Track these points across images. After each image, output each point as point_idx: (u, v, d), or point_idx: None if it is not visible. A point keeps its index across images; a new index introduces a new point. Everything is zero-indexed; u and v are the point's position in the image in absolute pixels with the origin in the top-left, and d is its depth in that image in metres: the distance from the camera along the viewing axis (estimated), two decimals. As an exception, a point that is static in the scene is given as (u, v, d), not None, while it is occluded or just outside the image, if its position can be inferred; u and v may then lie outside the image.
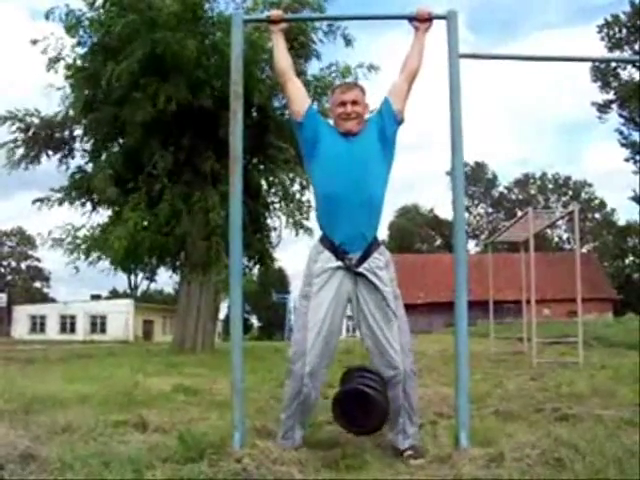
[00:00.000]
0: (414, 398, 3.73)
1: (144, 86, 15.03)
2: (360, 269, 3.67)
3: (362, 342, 3.79)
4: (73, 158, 18.12)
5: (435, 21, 3.92)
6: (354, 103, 3.80)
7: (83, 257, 16.56)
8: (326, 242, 3.76)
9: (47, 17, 15.81)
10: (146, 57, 14.70)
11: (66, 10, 15.71)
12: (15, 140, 17.57)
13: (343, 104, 3.80)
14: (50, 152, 17.97)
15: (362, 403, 3.54)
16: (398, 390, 3.65)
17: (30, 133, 17.57)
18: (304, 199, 18.61)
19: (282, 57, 3.93)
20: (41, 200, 17.54)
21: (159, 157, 16.10)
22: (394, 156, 3.90)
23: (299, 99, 3.91)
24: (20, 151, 17.61)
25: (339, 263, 3.69)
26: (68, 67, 16.49)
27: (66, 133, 18.03)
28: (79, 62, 16.48)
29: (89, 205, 17.88)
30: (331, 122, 3.97)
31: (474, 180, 75.84)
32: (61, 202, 17.49)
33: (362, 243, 3.70)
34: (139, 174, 16.40)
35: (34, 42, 16.34)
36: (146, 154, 16.20)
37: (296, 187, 18.67)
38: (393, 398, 3.64)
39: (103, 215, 17.99)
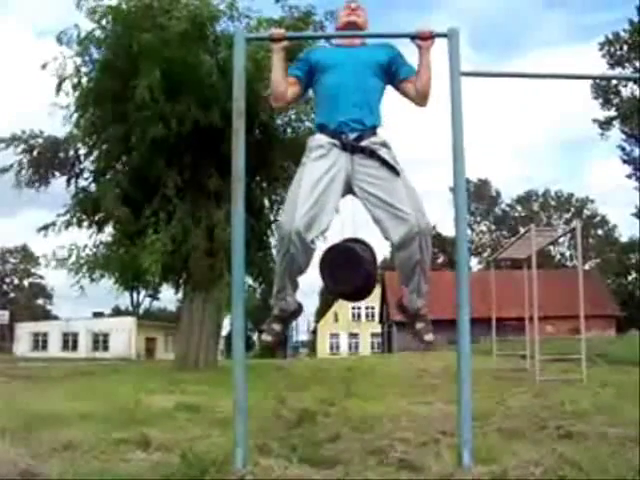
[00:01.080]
0: (429, 256, 3.74)
1: (156, 104, 15.11)
2: (356, 144, 3.76)
3: (371, 216, 3.73)
4: (78, 178, 18.15)
5: (437, 39, 3.94)
6: (358, 8, 4.10)
7: (87, 276, 16.59)
8: (323, 128, 3.88)
9: (60, 41, 15.90)
10: (158, 75, 14.82)
11: (76, 31, 15.81)
12: (20, 162, 17.64)
13: (349, 7, 4.09)
14: (56, 173, 18.00)
15: (348, 260, 3.58)
16: (414, 246, 3.60)
17: (35, 154, 17.62)
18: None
19: (279, 81, 4.00)
20: (46, 227, 17.56)
21: (168, 176, 16.17)
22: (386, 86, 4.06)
23: (296, 91, 4.10)
24: (26, 173, 17.67)
25: (336, 141, 3.77)
26: (74, 87, 16.56)
27: (71, 153, 18.07)
28: (84, 81, 16.55)
29: (94, 226, 17.93)
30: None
31: (477, 197, 75.90)
32: (67, 226, 17.53)
33: (359, 127, 3.81)
34: (147, 193, 16.44)
35: (44, 66, 16.40)
36: (154, 173, 16.25)
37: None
38: (409, 255, 3.64)
39: (106, 233, 18.04)
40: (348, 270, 3.59)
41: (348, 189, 3.79)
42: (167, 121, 15.13)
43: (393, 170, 3.70)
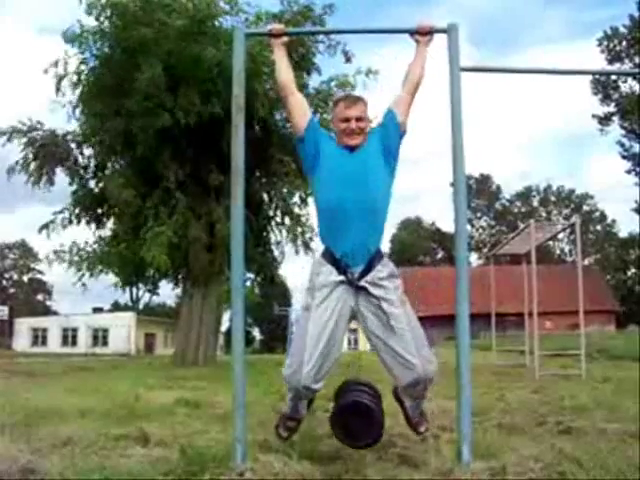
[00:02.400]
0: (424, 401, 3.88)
1: (159, 96, 15.12)
2: (362, 282, 3.62)
3: (377, 354, 3.69)
4: (79, 173, 18.14)
5: (436, 35, 3.93)
6: (358, 120, 3.74)
7: (88, 272, 16.61)
8: (328, 255, 3.72)
9: (65, 37, 15.89)
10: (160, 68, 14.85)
11: (79, 26, 15.81)
12: (26, 158, 17.65)
13: (347, 120, 3.73)
14: (58, 168, 18.00)
15: (359, 416, 3.54)
16: (419, 387, 3.67)
17: (37, 147, 17.62)
18: (303, 212, 18.69)
19: (284, 71, 3.92)
20: (47, 226, 17.56)
21: (170, 169, 16.17)
22: (397, 168, 3.87)
23: (300, 113, 3.88)
24: (34, 171, 17.69)
25: (341, 277, 3.64)
26: (75, 84, 16.56)
27: (72, 146, 18.08)
28: (83, 77, 16.54)
29: (93, 223, 17.96)
30: (332, 134, 3.96)
31: (478, 193, 75.91)
32: (68, 222, 17.55)
33: (364, 256, 3.66)
34: (149, 185, 16.45)
35: (45, 71, 16.44)
36: (156, 166, 16.25)
37: (296, 200, 18.75)
38: (413, 392, 3.71)
39: (106, 229, 18.08)
40: (361, 427, 3.58)
41: (353, 317, 3.73)
42: (170, 113, 15.16)
43: (397, 311, 3.63)
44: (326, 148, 3.81)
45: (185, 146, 16.60)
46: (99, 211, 18.02)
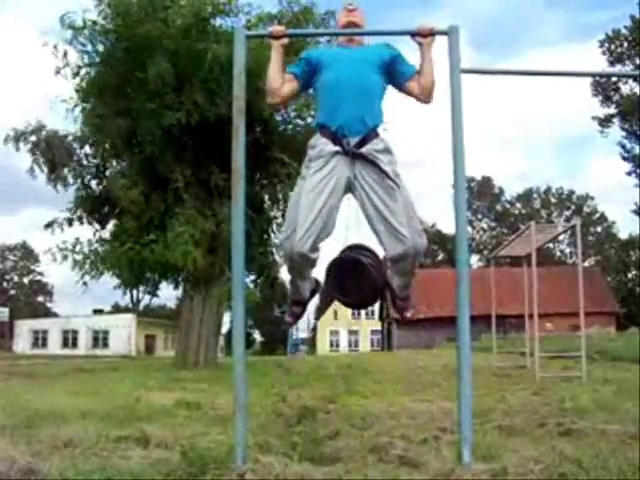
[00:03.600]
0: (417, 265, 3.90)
1: (166, 96, 15.16)
2: (358, 151, 3.70)
3: (370, 225, 3.74)
4: (83, 174, 18.16)
5: (437, 37, 3.93)
6: (356, 10, 4.05)
7: (90, 272, 16.59)
8: (324, 129, 3.81)
9: (65, 24, 15.89)
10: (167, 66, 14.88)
11: (81, 20, 15.80)
12: (37, 161, 17.73)
13: (348, 9, 4.04)
14: (64, 168, 18.04)
15: (356, 273, 3.58)
16: (407, 262, 3.72)
17: (43, 148, 17.67)
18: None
19: (276, 77, 3.98)
20: (51, 224, 17.59)
21: (179, 170, 16.19)
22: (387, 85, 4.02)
23: (292, 88, 4.06)
24: (46, 173, 17.79)
25: (337, 148, 3.72)
26: (79, 85, 16.60)
27: (75, 147, 18.10)
28: (83, 72, 16.56)
29: (95, 224, 17.97)
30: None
31: (480, 195, 75.94)
32: (70, 222, 17.59)
33: (360, 128, 3.75)
34: (154, 185, 16.44)
35: (57, 72, 16.44)
36: (163, 166, 16.26)
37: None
38: (401, 267, 3.75)
39: (108, 230, 18.07)
40: (355, 282, 3.61)
41: (348, 190, 3.79)
42: (176, 112, 15.19)
43: (393, 182, 3.69)
44: (325, 55, 4.05)
45: (190, 146, 16.60)
46: (103, 211, 18.03)
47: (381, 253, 3.87)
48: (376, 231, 3.70)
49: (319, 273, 3.96)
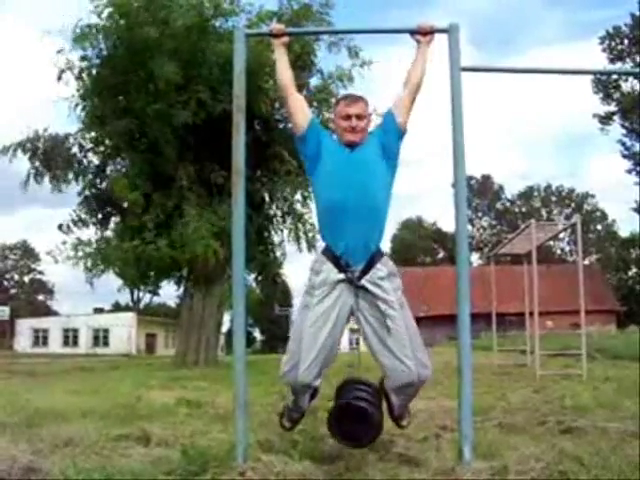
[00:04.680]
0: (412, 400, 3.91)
1: (171, 96, 15.19)
2: (361, 281, 3.62)
3: (371, 351, 3.69)
4: (83, 174, 18.17)
5: (437, 35, 3.92)
6: (359, 117, 3.77)
7: (95, 270, 16.63)
8: (328, 253, 3.71)
9: (77, 42, 15.92)
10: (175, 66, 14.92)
11: (84, 24, 15.82)
12: (37, 169, 17.77)
13: (348, 117, 3.77)
14: (65, 171, 18.06)
15: (356, 417, 3.54)
16: (410, 390, 3.70)
17: (41, 155, 17.71)
18: (305, 211, 18.66)
19: (284, 72, 3.93)
20: (60, 226, 17.68)
21: (183, 168, 16.21)
22: (397, 168, 3.88)
23: (301, 113, 3.89)
24: (46, 178, 17.86)
25: (341, 276, 3.63)
26: (78, 84, 16.61)
27: (75, 149, 18.12)
28: (86, 76, 16.57)
29: (98, 224, 18.03)
30: (333, 134, 3.98)
31: (480, 193, 75.92)
32: (75, 223, 17.65)
33: (365, 254, 3.65)
34: (156, 184, 16.46)
35: (59, 77, 16.48)
36: (167, 165, 16.27)
37: (297, 197, 18.75)
38: (403, 393, 3.71)
39: (110, 229, 18.12)
40: (358, 427, 3.58)
41: (351, 316, 3.74)
42: (181, 111, 15.22)
43: (397, 312, 3.61)
44: (327, 146, 3.82)
45: (192, 144, 16.62)
46: (105, 210, 18.07)
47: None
48: (379, 361, 3.67)
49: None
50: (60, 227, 17.60)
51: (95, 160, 18.29)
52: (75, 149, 18.05)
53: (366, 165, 3.72)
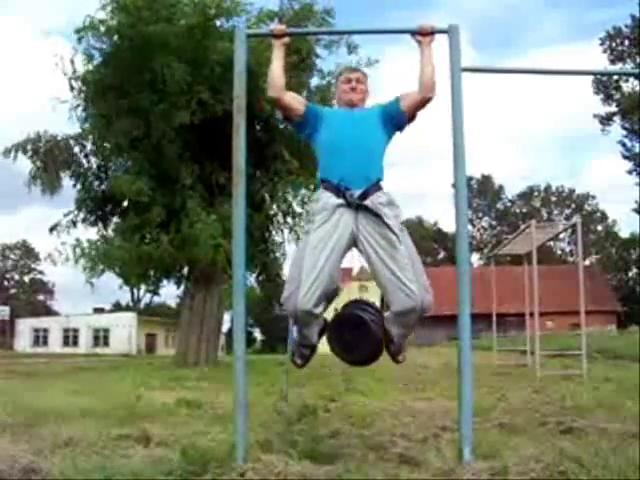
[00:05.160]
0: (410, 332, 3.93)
1: (180, 93, 15.21)
2: (362, 202, 3.68)
3: (375, 279, 3.70)
4: (85, 174, 18.17)
5: (437, 36, 3.92)
6: (358, 80, 4.03)
7: (95, 269, 16.63)
8: (326, 183, 3.80)
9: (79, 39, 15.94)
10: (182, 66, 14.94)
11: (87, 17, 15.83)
12: (39, 169, 17.78)
13: (349, 80, 4.02)
14: (64, 172, 18.06)
15: (358, 330, 3.55)
16: (412, 317, 3.68)
17: (42, 156, 17.72)
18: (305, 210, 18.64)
19: (277, 75, 3.98)
20: (55, 227, 17.63)
21: (184, 168, 16.21)
22: (392, 137, 4.01)
23: (297, 102, 4.04)
24: (45, 177, 17.86)
25: (340, 200, 3.69)
26: (80, 91, 16.64)
27: (76, 149, 18.12)
28: (89, 75, 16.57)
29: (99, 224, 18.02)
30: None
31: (480, 193, 75.92)
32: (74, 224, 17.65)
33: (363, 181, 3.74)
34: (159, 183, 16.46)
35: (71, 87, 16.52)
36: (168, 164, 16.27)
37: (299, 198, 18.74)
38: (405, 321, 3.71)
39: (111, 229, 18.11)
40: (357, 340, 3.58)
41: (352, 243, 3.75)
42: (185, 110, 15.23)
43: (397, 237, 3.64)
44: (328, 112, 4.09)
45: (193, 144, 16.62)
46: (105, 210, 18.07)
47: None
48: (382, 286, 3.66)
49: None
50: (52, 229, 17.58)
51: (95, 161, 18.27)
52: (76, 149, 18.06)
53: (364, 120, 3.91)
